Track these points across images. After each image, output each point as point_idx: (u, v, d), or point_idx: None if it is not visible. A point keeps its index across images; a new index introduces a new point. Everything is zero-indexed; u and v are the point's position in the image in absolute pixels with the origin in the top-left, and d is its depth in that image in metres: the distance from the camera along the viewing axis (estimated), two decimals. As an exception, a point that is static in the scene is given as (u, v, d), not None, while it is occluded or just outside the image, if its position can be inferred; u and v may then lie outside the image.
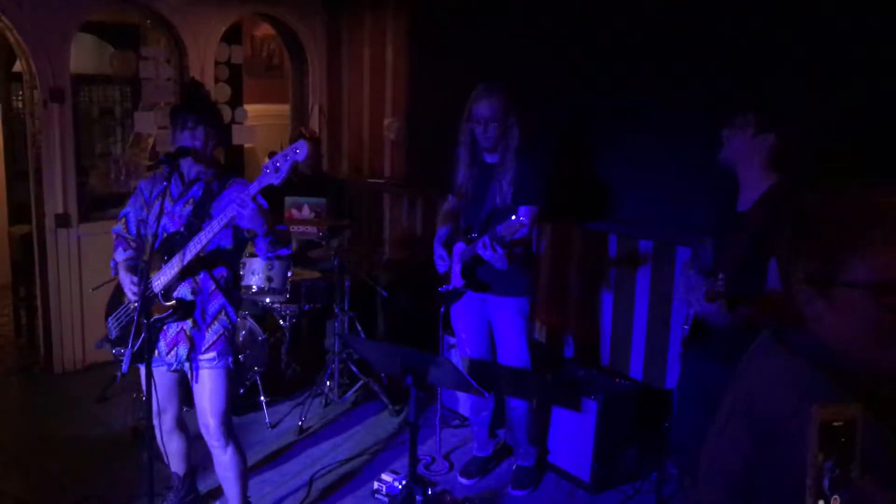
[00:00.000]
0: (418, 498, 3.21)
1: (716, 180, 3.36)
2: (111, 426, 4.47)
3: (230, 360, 3.16)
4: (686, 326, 3.00)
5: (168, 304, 3.00)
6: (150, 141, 6.32)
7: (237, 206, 2.80)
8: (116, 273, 3.22)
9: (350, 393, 4.89)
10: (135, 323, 2.85)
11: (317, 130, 6.14)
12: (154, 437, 3.15)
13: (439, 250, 3.77)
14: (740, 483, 1.28)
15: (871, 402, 1.19)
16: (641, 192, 4.15)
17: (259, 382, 4.65)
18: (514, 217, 3.15)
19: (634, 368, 4.32)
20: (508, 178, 3.53)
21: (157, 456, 3.33)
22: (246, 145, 6.65)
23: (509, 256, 3.36)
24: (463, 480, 3.98)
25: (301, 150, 2.78)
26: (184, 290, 3.06)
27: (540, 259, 4.69)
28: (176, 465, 3.45)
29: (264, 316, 5.11)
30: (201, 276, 3.08)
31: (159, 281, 3.01)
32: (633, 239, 4.26)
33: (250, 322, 4.69)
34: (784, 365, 1.29)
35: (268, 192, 2.89)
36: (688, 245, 3.95)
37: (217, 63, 5.94)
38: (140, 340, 2.95)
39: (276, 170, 2.80)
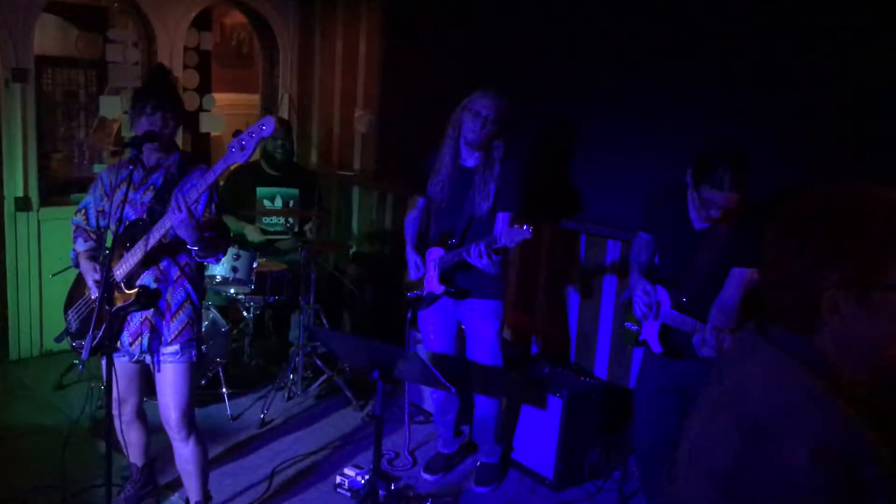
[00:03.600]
0: (381, 493, 3.19)
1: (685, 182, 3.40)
2: (68, 414, 4.37)
3: (194, 353, 3.11)
4: (658, 321, 3.00)
5: (131, 291, 2.94)
6: (115, 126, 6.21)
7: (172, 209, 2.74)
8: (76, 264, 3.15)
9: (314, 387, 4.85)
10: (96, 312, 2.78)
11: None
12: (113, 427, 3.08)
13: (413, 256, 3.73)
14: (726, 479, 1.27)
15: (861, 407, 1.20)
16: (613, 195, 4.16)
17: (221, 374, 4.59)
18: (524, 226, 3.12)
19: (599, 367, 4.34)
20: (492, 187, 3.51)
21: (115, 446, 3.27)
22: (213, 133, 6.55)
23: (501, 261, 3.35)
24: (426, 476, 3.96)
25: (267, 126, 2.72)
26: (147, 278, 3.00)
27: (509, 257, 4.68)
28: (135, 455, 3.39)
29: (228, 307, 5.04)
30: (164, 263, 3.02)
31: (121, 269, 2.94)
32: (601, 238, 4.27)
33: (213, 313, 4.62)
34: (774, 362, 1.28)
35: (241, 180, 2.84)
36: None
37: (186, 49, 5.84)
38: (101, 330, 2.89)
39: (242, 148, 2.74)
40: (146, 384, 3.30)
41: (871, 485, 1.14)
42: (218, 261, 3.12)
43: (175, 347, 3.04)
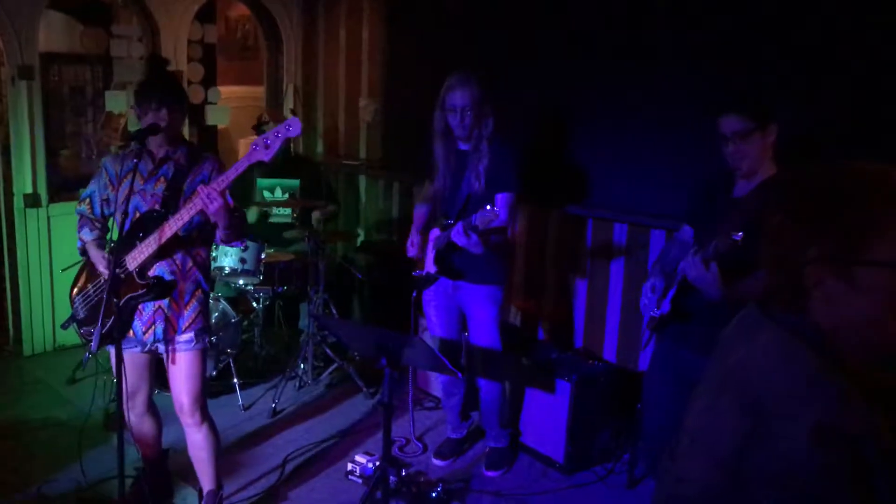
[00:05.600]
0: (392, 479, 3.21)
1: (695, 165, 3.40)
2: (82, 408, 4.41)
3: (206, 339, 3.16)
4: (658, 312, 2.99)
5: (143, 282, 2.96)
6: (122, 121, 6.22)
7: (204, 200, 2.79)
8: (83, 253, 3.17)
9: (324, 375, 4.88)
10: (104, 303, 2.81)
11: (290, 111, 6.09)
12: (125, 419, 3.11)
13: (413, 236, 3.76)
14: (728, 459, 1.27)
15: (862, 385, 1.20)
16: (619, 177, 4.15)
17: (232, 365, 4.62)
18: (489, 207, 3.13)
19: (608, 350, 4.35)
20: (483, 166, 3.52)
21: (127, 438, 3.30)
22: (220, 126, 6.57)
23: (485, 243, 3.34)
24: (437, 462, 3.99)
25: (293, 127, 2.77)
26: (161, 269, 3.03)
27: (516, 242, 4.69)
28: (147, 447, 3.42)
29: (238, 298, 5.07)
30: (179, 255, 3.05)
31: (135, 260, 2.96)
32: (608, 222, 4.27)
33: (223, 304, 4.65)
34: (777, 344, 1.28)
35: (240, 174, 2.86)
36: (662, 228, 3.98)
37: (190, 42, 5.85)
38: (110, 321, 2.91)
39: (266, 146, 2.78)
40: (157, 375, 3.33)
41: (872, 464, 1.14)
42: (243, 243, 3.15)
43: (189, 335, 3.08)
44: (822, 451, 1.15)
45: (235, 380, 4.60)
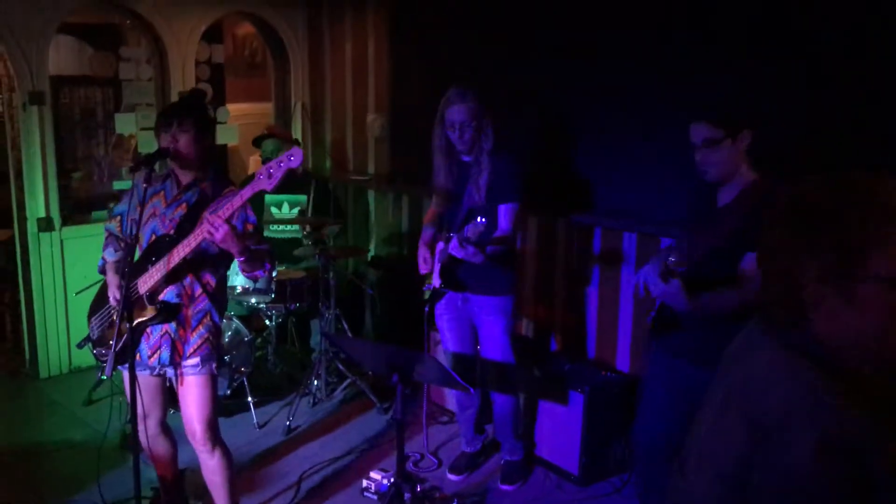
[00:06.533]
0: (406, 495, 3.22)
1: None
2: (98, 429, 4.44)
3: (214, 365, 3.15)
4: (651, 314, 2.96)
5: (152, 306, 2.99)
6: (133, 142, 6.28)
7: (209, 228, 2.80)
8: (102, 272, 3.20)
9: (338, 391, 4.89)
10: (117, 326, 2.83)
11: (290, 131, 6.14)
12: (140, 441, 3.14)
13: (422, 251, 3.77)
14: (735, 476, 1.27)
15: (867, 400, 1.20)
16: (627, 185, 4.15)
17: (246, 383, 4.64)
18: (479, 219, 3.14)
19: (621, 360, 4.33)
20: (483, 179, 3.53)
21: (144, 459, 3.33)
22: (229, 144, 6.62)
23: (483, 254, 3.32)
24: (452, 476, 3.99)
25: (296, 157, 2.80)
26: (170, 294, 3.05)
27: (525, 253, 4.70)
28: (163, 468, 3.44)
29: (250, 316, 5.10)
30: (188, 279, 3.07)
31: (146, 284, 2.99)
32: (617, 231, 4.27)
33: (236, 323, 4.68)
34: (779, 360, 1.28)
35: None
36: (671, 237, 3.96)
37: (198, 62, 5.90)
38: (122, 343, 2.94)
39: (269, 176, 2.81)
40: (170, 397, 3.35)
41: (876, 478, 1.14)
42: (265, 273, 3.15)
43: (195, 360, 3.09)
44: (826, 466, 1.15)
45: (250, 398, 4.62)
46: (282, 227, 5.24)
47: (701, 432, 1.42)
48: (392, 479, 3.58)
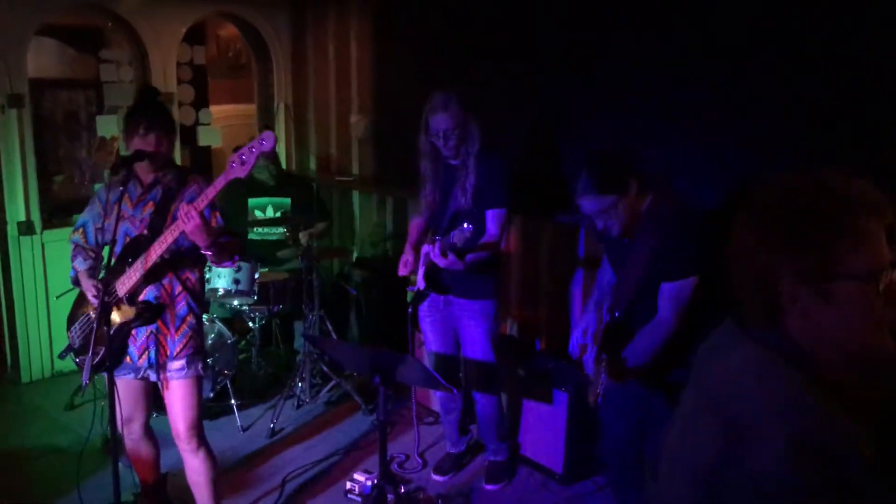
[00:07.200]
0: (390, 496, 3.20)
1: (688, 168, 3.41)
2: (81, 434, 4.41)
3: (199, 366, 3.15)
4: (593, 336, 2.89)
5: (133, 307, 2.97)
6: (115, 145, 6.25)
7: (182, 218, 2.80)
8: (76, 282, 3.18)
9: (322, 393, 4.87)
10: (94, 331, 2.81)
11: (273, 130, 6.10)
12: (118, 445, 3.12)
13: (406, 254, 3.75)
14: (707, 478, 1.27)
15: (841, 399, 1.20)
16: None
17: (230, 386, 4.61)
18: (465, 225, 3.13)
19: (605, 359, 4.33)
20: (470, 182, 3.51)
21: (126, 463, 3.30)
22: (213, 147, 6.58)
23: (463, 261, 3.31)
24: (436, 477, 3.98)
25: (267, 141, 2.78)
26: (150, 294, 3.03)
27: (510, 253, 4.69)
28: (145, 472, 3.41)
29: (233, 319, 5.07)
30: (166, 278, 3.06)
31: (124, 286, 2.97)
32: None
33: (219, 325, 4.65)
34: (753, 359, 1.28)
35: (231, 194, 2.87)
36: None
37: (180, 64, 5.87)
38: (102, 350, 2.92)
39: (242, 163, 2.80)
40: (154, 400, 3.33)
41: (852, 478, 1.14)
42: (235, 263, 3.15)
43: (181, 363, 3.08)
44: (799, 466, 1.14)
45: (233, 401, 4.59)
46: (266, 229, 5.21)
47: (674, 434, 1.41)
48: (375, 481, 3.57)
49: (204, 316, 4.54)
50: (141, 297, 3.02)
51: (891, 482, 1.17)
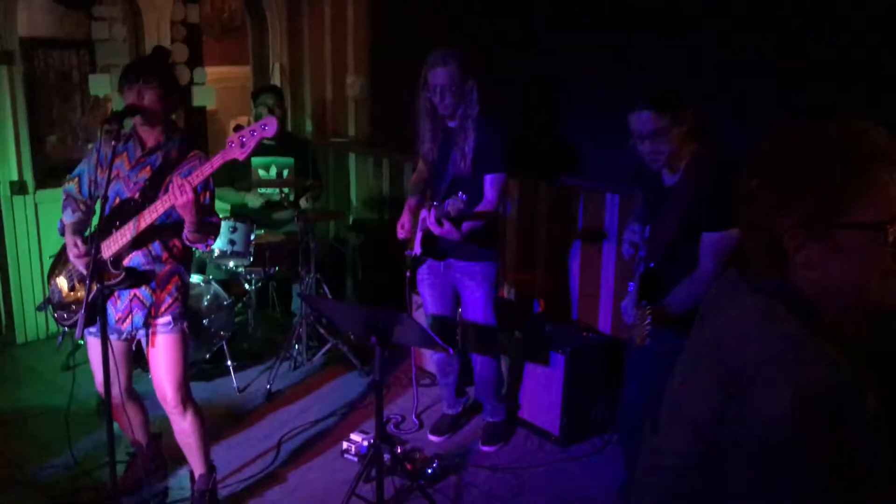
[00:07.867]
0: (386, 456, 3.20)
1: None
2: (76, 395, 4.39)
3: (185, 324, 3.12)
4: (630, 285, 2.88)
5: (117, 271, 2.92)
6: (109, 105, 6.15)
7: (175, 191, 2.75)
8: (62, 233, 3.13)
9: (318, 355, 4.86)
10: (87, 292, 2.77)
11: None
12: (112, 406, 3.09)
13: (404, 217, 3.70)
14: (708, 430, 1.24)
15: (846, 350, 1.17)
16: (610, 147, 4.08)
17: (225, 347, 4.60)
18: (460, 194, 3.09)
19: (602, 322, 4.32)
20: (468, 146, 3.46)
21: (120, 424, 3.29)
22: (208, 107, 6.50)
23: (459, 230, 3.26)
24: (433, 438, 3.98)
25: (269, 127, 2.75)
26: (136, 260, 2.99)
27: (508, 216, 4.65)
28: (136, 432, 3.39)
29: (229, 280, 5.04)
30: (155, 245, 3.02)
31: (110, 248, 2.92)
32: (599, 193, 4.22)
33: (215, 286, 4.62)
34: (758, 308, 1.25)
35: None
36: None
37: (173, 23, 5.77)
38: (89, 303, 2.87)
39: (242, 144, 2.76)
40: (134, 360, 3.31)
41: (855, 430, 1.12)
42: (207, 247, 3.11)
43: (167, 318, 3.05)
44: (803, 418, 1.12)
45: (229, 362, 4.58)
46: (269, 189, 5.14)
47: (674, 385, 1.39)
48: (371, 441, 3.57)
49: (199, 277, 4.56)
50: (126, 262, 2.98)
51: (889, 434, 1.15)
